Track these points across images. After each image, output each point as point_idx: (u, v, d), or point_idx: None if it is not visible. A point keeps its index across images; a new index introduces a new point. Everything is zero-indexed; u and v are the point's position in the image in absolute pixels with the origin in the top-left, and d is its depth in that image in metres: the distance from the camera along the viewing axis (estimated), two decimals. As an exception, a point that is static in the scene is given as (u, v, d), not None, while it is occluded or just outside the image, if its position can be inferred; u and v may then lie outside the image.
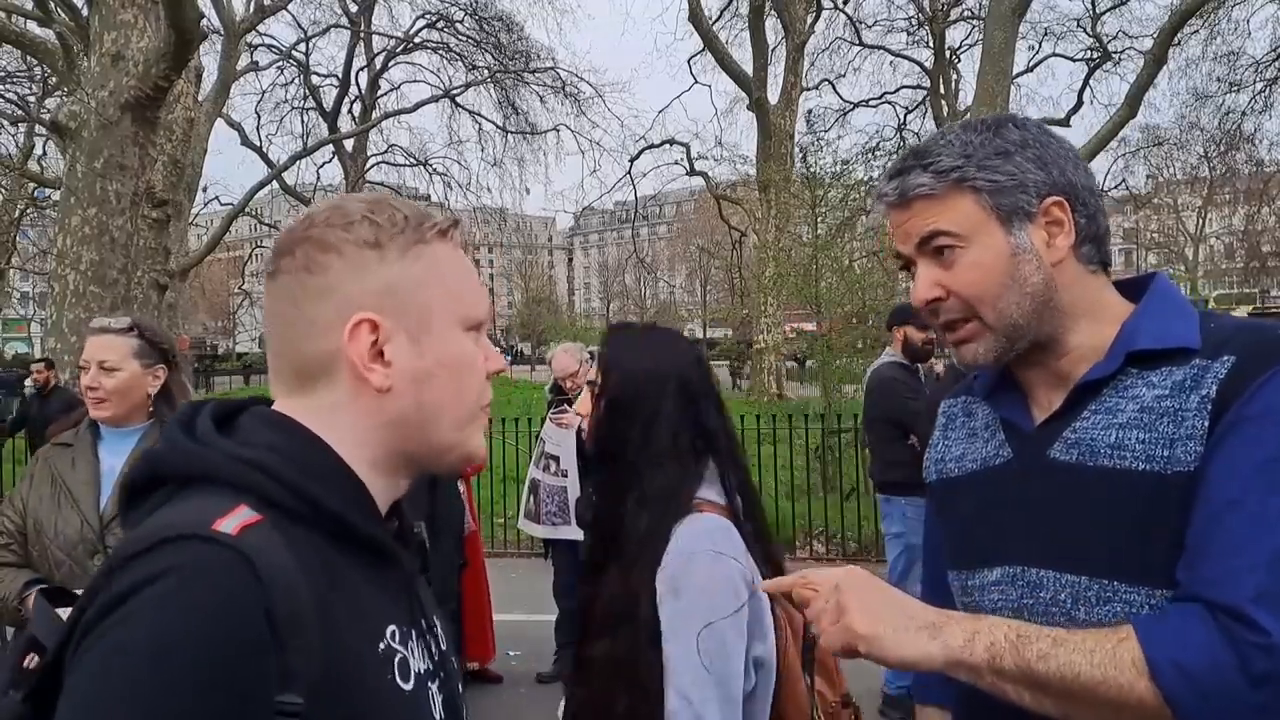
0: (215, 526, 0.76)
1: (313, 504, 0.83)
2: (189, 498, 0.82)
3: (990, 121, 1.19)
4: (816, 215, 12.53)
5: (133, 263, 6.18)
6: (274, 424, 0.89)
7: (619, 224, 69.50)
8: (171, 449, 0.86)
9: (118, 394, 2.41)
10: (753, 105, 21.22)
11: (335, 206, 0.92)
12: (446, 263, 0.93)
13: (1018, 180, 1.14)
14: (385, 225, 0.90)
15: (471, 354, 0.93)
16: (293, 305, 0.90)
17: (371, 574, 0.87)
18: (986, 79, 13.03)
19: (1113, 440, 1.10)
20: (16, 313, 49.45)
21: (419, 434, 0.91)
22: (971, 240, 1.14)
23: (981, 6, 21.20)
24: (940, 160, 1.15)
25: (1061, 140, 1.18)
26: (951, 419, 1.37)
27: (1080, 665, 0.99)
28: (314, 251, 0.89)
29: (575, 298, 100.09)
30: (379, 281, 0.89)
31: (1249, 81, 22.87)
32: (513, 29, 26.99)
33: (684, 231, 69.57)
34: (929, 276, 1.18)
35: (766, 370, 20.79)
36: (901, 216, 1.19)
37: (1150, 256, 50.37)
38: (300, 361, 0.90)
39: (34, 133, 21.45)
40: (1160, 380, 1.10)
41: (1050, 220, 1.14)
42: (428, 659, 0.91)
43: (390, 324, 0.89)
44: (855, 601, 1.08)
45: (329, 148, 27.38)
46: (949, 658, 1.04)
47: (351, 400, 0.89)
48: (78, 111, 6.11)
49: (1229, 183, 34.12)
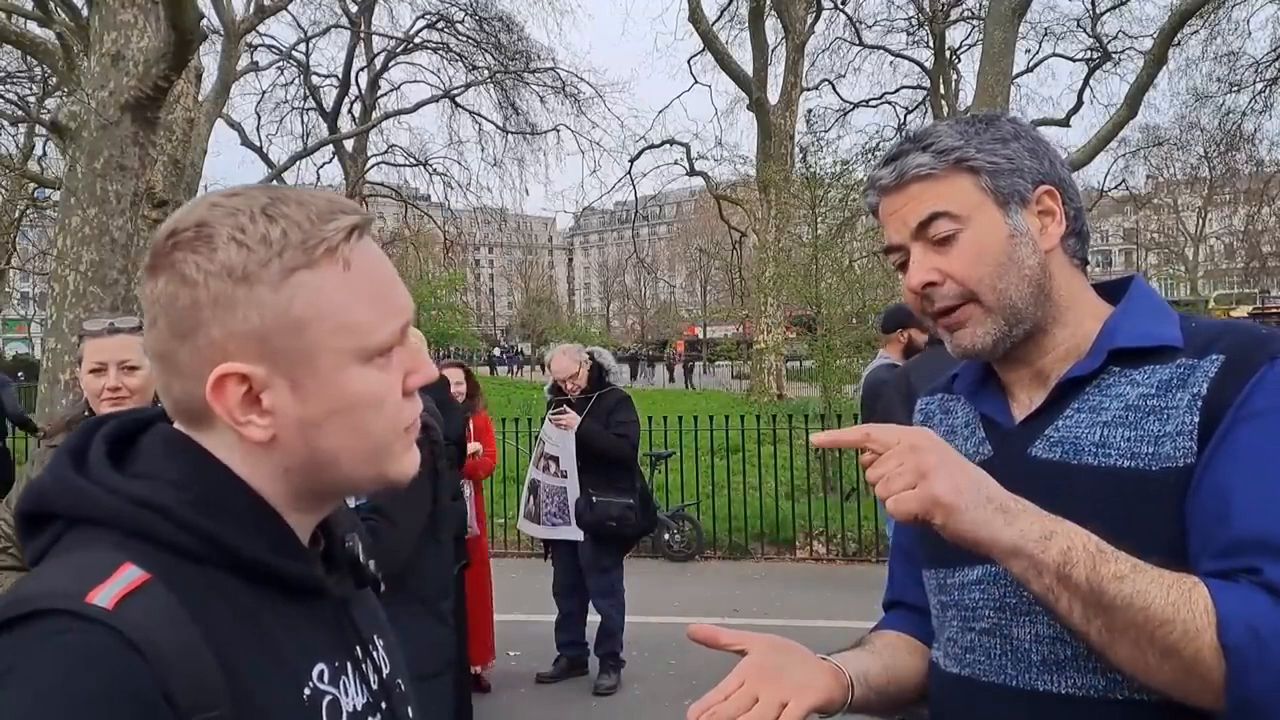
0: (90, 598, 0.67)
1: (218, 547, 0.75)
2: (70, 548, 0.74)
3: (983, 116, 1.20)
4: (817, 215, 12.53)
5: (133, 263, 6.17)
6: (177, 450, 0.79)
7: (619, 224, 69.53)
8: (56, 484, 0.77)
9: (139, 393, 2.44)
10: (753, 105, 21.21)
11: (200, 222, 0.77)
12: (335, 290, 0.77)
13: (1015, 165, 1.15)
14: (256, 249, 0.75)
15: (374, 390, 0.79)
16: (160, 338, 0.78)
17: (293, 609, 0.79)
18: (986, 79, 13.03)
19: (1097, 438, 1.09)
20: (16, 313, 49.43)
21: (321, 477, 0.81)
22: (970, 221, 1.14)
23: (981, 7, 21.19)
24: (940, 141, 1.15)
25: (1051, 145, 1.21)
26: (929, 417, 1.35)
27: (1154, 597, 0.95)
28: (174, 283, 0.76)
29: (575, 298, 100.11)
30: (248, 325, 0.75)
31: (1249, 81, 22.92)
32: (513, 29, 27.01)
33: (684, 232, 69.61)
34: (925, 262, 1.16)
35: (767, 370, 20.78)
36: (898, 201, 1.18)
37: (1150, 256, 50.30)
38: (175, 400, 0.80)
39: (34, 133, 21.42)
40: (1144, 378, 1.09)
41: (1043, 209, 1.16)
42: (366, 691, 0.84)
43: (265, 372, 0.76)
44: (939, 466, 1.00)
45: (329, 148, 27.37)
46: (1020, 547, 0.99)
47: (240, 445, 0.78)
48: (78, 112, 6.11)
49: (1229, 183, 34.13)
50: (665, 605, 6.67)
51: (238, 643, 0.73)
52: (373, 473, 0.83)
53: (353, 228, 0.79)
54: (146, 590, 0.69)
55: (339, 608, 0.86)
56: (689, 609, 6.72)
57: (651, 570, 7.77)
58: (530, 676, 5.43)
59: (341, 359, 0.78)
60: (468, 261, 46.19)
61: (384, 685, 0.87)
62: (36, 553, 0.76)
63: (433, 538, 2.78)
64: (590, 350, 5.67)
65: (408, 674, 0.93)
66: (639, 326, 72.96)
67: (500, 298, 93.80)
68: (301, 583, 0.80)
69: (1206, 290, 44.69)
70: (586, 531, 5.22)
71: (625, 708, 5.05)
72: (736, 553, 8.51)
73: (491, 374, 41.07)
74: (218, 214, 0.77)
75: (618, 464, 5.27)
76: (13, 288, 40.50)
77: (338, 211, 0.79)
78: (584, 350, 5.63)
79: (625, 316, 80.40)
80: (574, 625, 5.51)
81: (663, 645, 5.79)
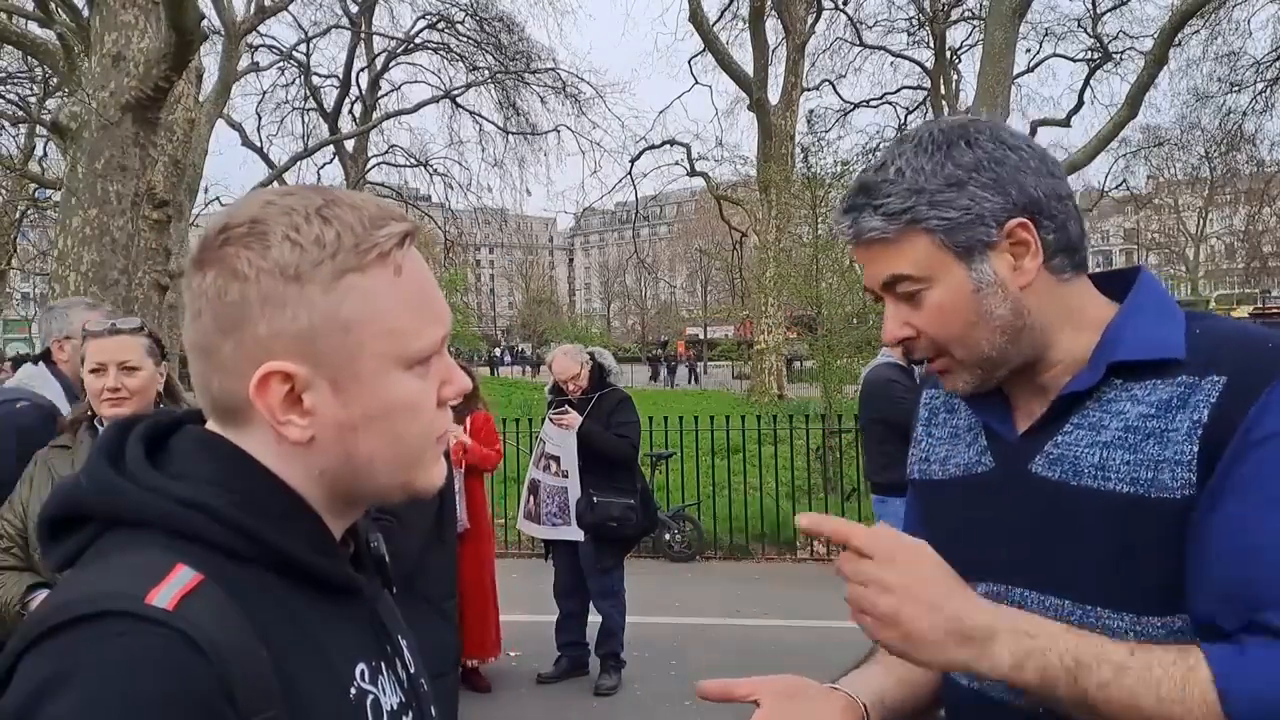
0: (149, 599, 0.66)
1: (265, 548, 0.75)
2: (116, 549, 0.72)
3: (941, 139, 1.10)
4: (817, 216, 12.54)
5: (134, 264, 6.18)
6: (213, 450, 0.79)
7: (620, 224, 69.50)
8: (95, 485, 0.75)
9: (140, 393, 2.46)
10: (753, 106, 21.22)
11: (255, 219, 0.77)
12: (384, 295, 0.78)
13: (973, 214, 1.07)
14: (310, 249, 0.76)
15: (412, 397, 0.80)
16: (203, 332, 0.78)
17: (333, 610, 0.80)
18: (987, 79, 13.00)
19: (1096, 460, 1.06)
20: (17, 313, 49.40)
21: (352, 482, 0.81)
22: (933, 280, 1.10)
23: (982, 7, 21.18)
24: (889, 202, 1.09)
25: (1021, 148, 1.10)
26: (934, 412, 1.33)
27: (1143, 697, 0.94)
28: (224, 278, 0.76)
29: (576, 298, 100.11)
30: (296, 325, 0.75)
31: (1250, 82, 22.92)
32: (513, 30, 27.02)
33: (684, 232, 69.64)
34: (898, 316, 1.14)
35: (767, 370, 20.79)
36: (862, 256, 1.15)
37: (1151, 257, 50.29)
38: (214, 397, 0.79)
39: (35, 134, 21.43)
40: (1145, 395, 1.06)
41: (1015, 242, 1.08)
42: (399, 690, 0.85)
43: (308, 372, 0.76)
44: (905, 589, 0.99)
45: (330, 148, 27.38)
46: (996, 674, 0.99)
47: (275, 444, 0.78)
48: (78, 112, 6.11)
49: (1230, 183, 34.12)
50: (666, 606, 6.67)
51: (288, 643, 0.73)
52: (401, 480, 0.83)
53: (405, 234, 0.80)
54: (202, 591, 0.69)
55: (371, 608, 0.87)
56: (690, 609, 6.72)
57: (652, 570, 7.77)
58: (531, 677, 5.43)
59: (384, 364, 0.78)
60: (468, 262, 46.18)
61: (412, 684, 0.88)
62: (65, 556, 0.75)
63: (437, 537, 2.78)
64: (591, 350, 5.68)
65: (426, 674, 0.94)
66: (639, 327, 72.96)
67: (501, 298, 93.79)
68: (341, 583, 0.81)
69: (1207, 290, 44.62)
70: (587, 532, 5.22)
71: (626, 708, 5.04)
72: (737, 553, 8.51)
73: (492, 374, 41.06)
74: (272, 212, 0.77)
75: (619, 464, 5.27)
76: (13, 288, 40.50)
77: (390, 218, 0.80)
78: (585, 350, 5.63)
79: (626, 317, 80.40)
80: (575, 626, 5.51)
81: (664, 646, 5.79)
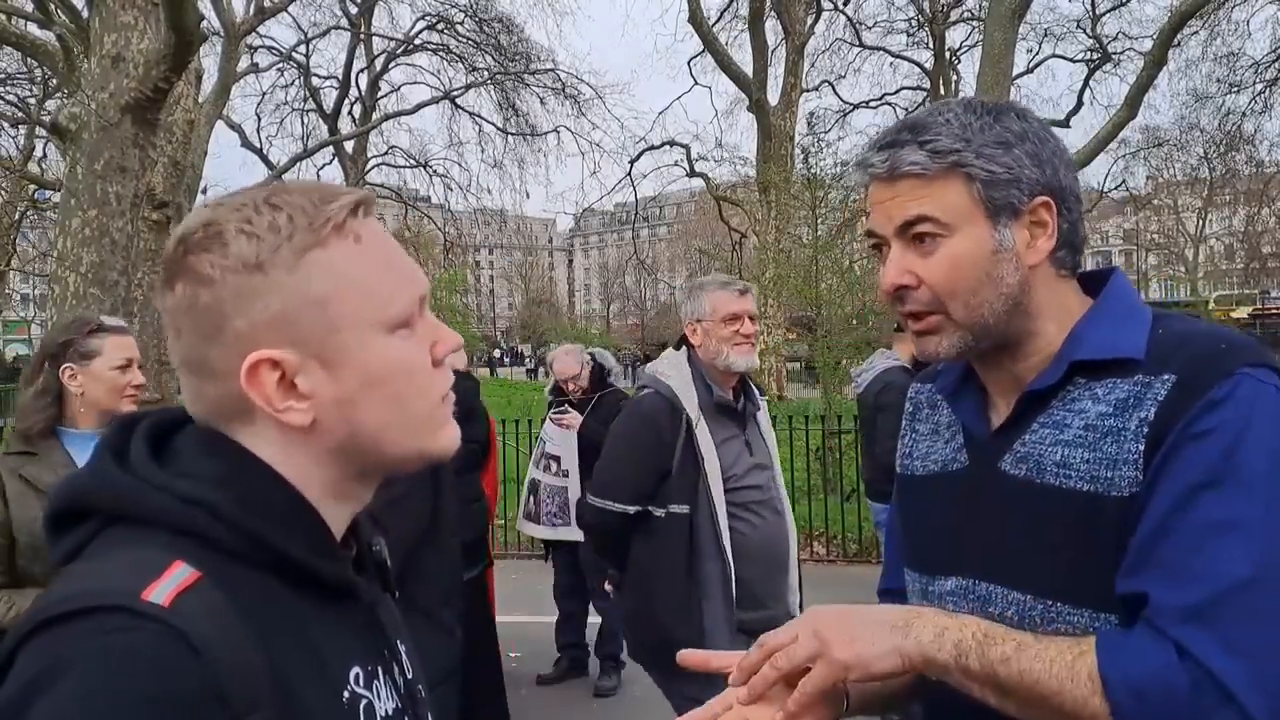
0: (146, 595, 0.67)
1: (264, 547, 0.75)
2: (117, 545, 0.73)
3: (992, 107, 1.13)
4: (817, 216, 12.54)
5: (133, 265, 6.17)
6: (216, 449, 0.79)
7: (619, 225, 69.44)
8: (99, 480, 0.76)
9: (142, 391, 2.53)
10: (753, 107, 21.21)
11: (207, 222, 0.78)
12: (349, 263, 0.79)
13: (1014, 175, 1.08)
14: (266, 236, 0.77)
15: (403, 359, 0.81)
16: (187, 345, 0.79)
17: (331, 612, 0.80)
18: (986, 80, 13.01)
19: (1059, 458, 1.08)
20: (17, 314, 49.38)
21: (365, 456, 0.82)
22: (955, 230, 1.09)
23: (981, 8, 21.18)
24: (939, 140, 1.08)
25: (1058, 140, 1.13)
26: (918, 407, 1.34)
27: (1039, 673, 0.99)
28: (192, 286, 0.77)
29: (575, 299, 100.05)
30: (270, 312, 0.76)
31: (1249, 82, 22.88)
32: (513, 31, 26.98)
33: (684, 233, 69.55)
34: (901, 263, 1.12)
35: (767, 371, 20.78)
36: (885, 193, 1.12)
37: (1150, 257, 50.28)
38: (210, 405, 0.80)
39: (34, 134, 21.42)
40: (1105, 394, 1.07)
41: (1035, 221, 1.10)
42: (395, 695, 0.84)
43: (295, 356, 0.77)
44: (833, 633, 1.05)
45: (329, 149, 27.34)
46: (921, 654, 1.03)
47: (280, 435, 0.79)
48: (78, 113, 6.10)
49: (1229, 184, 34.09)
50: (666, 606, 6.64)
51: (282, 644, 0.73)
52: (415, 446, 0.83)
53: (356, 203, 0.81)
54: (199, 589, 0.69)
55: (369, 611, 0.86)
56: (689, 610, 6.69)
57: (652, 571, 7.75)
58: (531, 677, 5.43)
59: (367, 331, 0.79)
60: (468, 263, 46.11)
61: (409, 690, 0.88)
62: (65, 551, 0.76)
63: (431, 544, 2.69)
64: (592, 351, 5.69)
65: (425, 680, 0.93)
66: (639, 328, 72.95)
67: (500, 299, 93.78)
68: (338, 584, 0.81)
69: (1207, 291, 44.62)
70: (587, 533, 5.21)
71: (626, 709, 5.04)
72: (737, 554, 8.48)
73: (492, 375, 41.03)
74: (222, 212, 0.79)
75: (619, 465, 5.26)
76: (13, 289, 40.50)
77: (339, 193, 0.81)
78: (585, 350, 5.65)
79: (625, 318, 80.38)
80: (574, 626, 5.51)
81: (663, 646, 5.78)
